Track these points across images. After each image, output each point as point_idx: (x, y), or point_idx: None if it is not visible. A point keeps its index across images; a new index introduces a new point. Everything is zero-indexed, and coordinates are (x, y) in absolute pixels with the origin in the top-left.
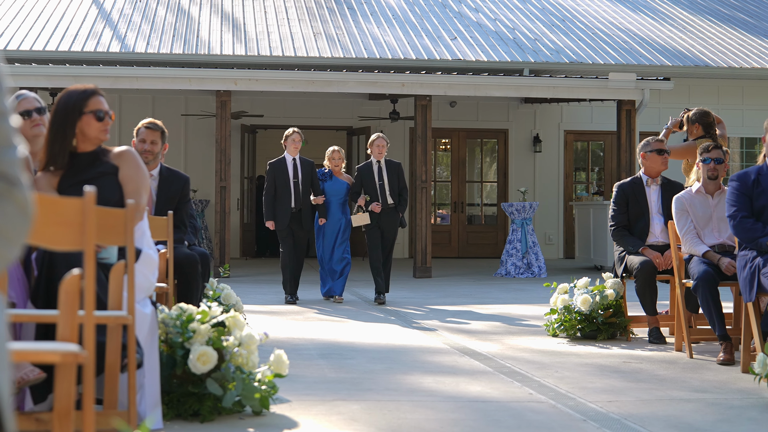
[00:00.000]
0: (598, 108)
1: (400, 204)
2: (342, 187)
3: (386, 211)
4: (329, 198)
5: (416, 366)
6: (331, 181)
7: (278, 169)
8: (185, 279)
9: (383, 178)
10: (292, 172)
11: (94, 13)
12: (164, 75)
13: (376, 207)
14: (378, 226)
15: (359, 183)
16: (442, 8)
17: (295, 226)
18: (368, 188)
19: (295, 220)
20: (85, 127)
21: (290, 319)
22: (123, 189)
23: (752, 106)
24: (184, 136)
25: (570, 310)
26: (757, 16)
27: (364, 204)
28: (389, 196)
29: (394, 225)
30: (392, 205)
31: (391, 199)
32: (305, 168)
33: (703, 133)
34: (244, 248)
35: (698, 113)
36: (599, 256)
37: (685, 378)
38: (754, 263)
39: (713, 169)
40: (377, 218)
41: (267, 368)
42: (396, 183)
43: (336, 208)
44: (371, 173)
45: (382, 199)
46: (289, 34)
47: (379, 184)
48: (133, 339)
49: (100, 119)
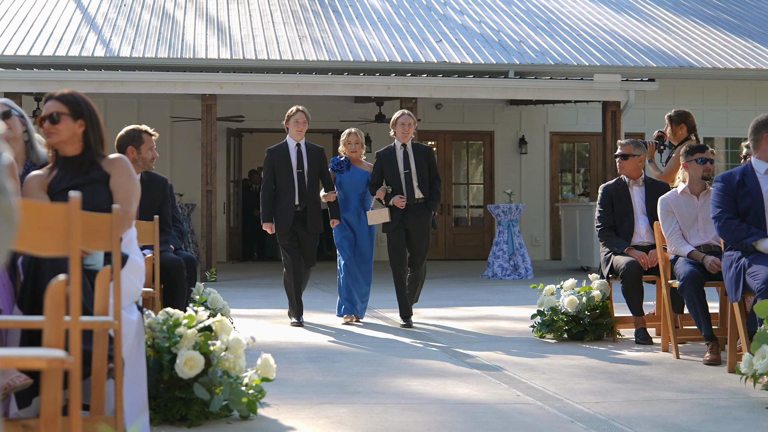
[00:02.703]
0: (584, 109)
1: (431, 198)
2: (363, 179)
3: (413, 207)
4: (348, 194)
5: (403, 369)
6: (349, 171)
7: (278, 157)
8: (171, 283)
9: (410, 166)
10: (296, 160)
11: (79, 17)
12: (149, 79)
13: (400, 201)
14: (403, 226)
15: (379, 172)
16: (427, 11)
17: (300, 230)
18: (391, 178)
19: (299, 221)
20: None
21: (277, 323)
22: (113, 196)
23: (736, 106)
24: (170, 141)
25: (557, 311)
26: (740, 17)
27: (383, 197)
28: (417, 188)
29: (424, 226)
30: (421, 200)
31: (420, 192)
32: (313, 155)
33: (687, 134)
34: (230, 252)
35: (682, 114)
36: (586, 257)
37: (671, 378)
38: (740, 263)
39: (708, 169)
40: (401, 216)
41: (254, 372)
42: (426, 172)
43: (356, 205)
44: (394, 160)
45: (407, 191)
46: (274, 37)
47: (405, 174)
48: (119, 345)
49: (41, 125)
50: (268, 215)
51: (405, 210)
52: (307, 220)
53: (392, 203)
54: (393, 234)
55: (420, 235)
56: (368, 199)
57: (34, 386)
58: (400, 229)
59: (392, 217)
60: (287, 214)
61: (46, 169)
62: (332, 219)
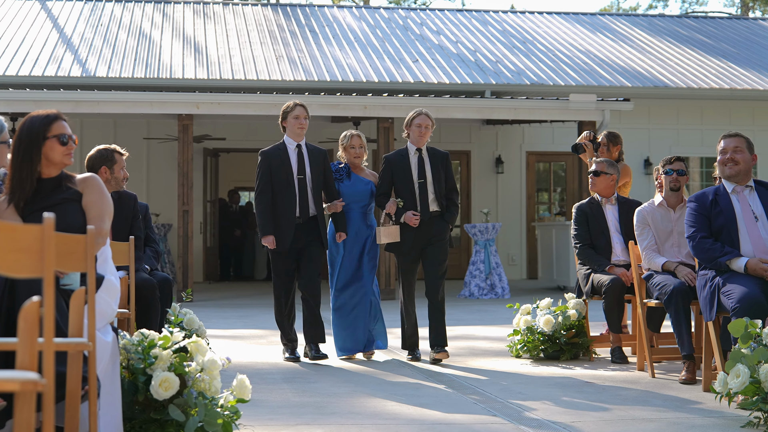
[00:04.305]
0: (560, 129)
1: (448, 211)
2: (365, 189)
3: (427, 222)
4: (348, 205)
5: (380, 389)
6: (349, 180)
7: (275, 161)
8: (144, 304)
9: (425, 174)
10: (296, 164)
11: (55, 37)
12: (126, 99)
13: (413, 219)
14: (416, 244)
15: (388, 180)
16: (404, 31)
17: (301, 245)
18: (402, 188)
19: (302, 235)
20: (49, 152)
21: (253, 344)
22: (86, 215)
23: (711, 125)
24: (146, 160)
25: (533, 330)
26: (714, 37)
27: (394, 212)
28: (432, 201)
29: (441, 243)
30: (436, 214)
31: (436, 205)
32: (315, 159)
33: (618, 157)
34: (207, 272)
35: (617, 134)
36: (562, 276)
37: (647, 397)
38: (714, 282)
39: (675, 180)
40: (414, 234)
41: (230, 393)
42: (443, 182)
43: (357, 219)
44: (407, 166)
45: (422, 205)
46: (251, 57)
47: (419, 183)
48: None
49: (64, 143)
50: (268, 227)
51: (419, 225)
52: (309, 234)
53: (403, 220)
54: (405, 258)
55: (436, 255)
56: (371, 214)
57: (7, 408)
58: (413, 249)
59: (403, 236)
60: (287, 229)
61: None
62: (338, 232)
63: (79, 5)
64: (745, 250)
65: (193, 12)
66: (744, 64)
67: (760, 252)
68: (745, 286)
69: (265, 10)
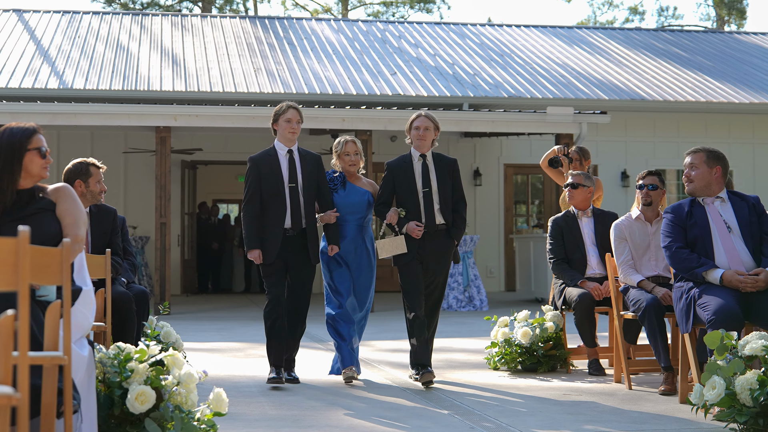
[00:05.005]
0: (537, 141)
1: (454, 225)
2: (362, 200)
3: (432, 235)
4: (343, 216)
5: (357, 402)
6: (344, 190)
7: (264, 167)
8: (119, 317)
9: (430, 183)
10: (287, 171)
11: (32, 49)
12: (103, 111)
13: (416, 231)
14: (419, 259)
15: (389, 188)
16: (382, 44)
17: (291, 260)
18: (405, 198)
19: (291, 249)
20: (29, 164)
21: (231, 356)
22: (61, 223)
23: (687, 138)
24: (124, 173)
25: (511, 343)
26: (690, 51)
27: (396, 222)
28: (438, 212)
29: (444, 259)
30: (442, 227)
31: (442, 217)
32: (308, 165)
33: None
34: (185, 285)
35: (587, 149)
36: (540, 288)
37: (624, 409)
38: (690, 294)
39: (647, 195)
40: (418, 247)
41: (206, 407)
42: (449, 191)
43: (354, 232)
44: (410, 174)
45: (426, 216)
46: (229, 69)
47: (424, 192)
48: (69, 381)
49: (43, 156)
50: (254, 241)
51: (423, 239)
52: (301, 248)
53: (406, 231)
54: (407, 268)
55: (437, 272)
56: (368, 226)
57: None
58: (416, 263)
59: (407, 247)
60: (274, 240)
61: None
62: (330, 245)
63: (56, 17)
64: (720, 261)
65: (171, 24)
66: (719, 77)
67: (734, 263)
68: (721, 298)
69: (244, 23)
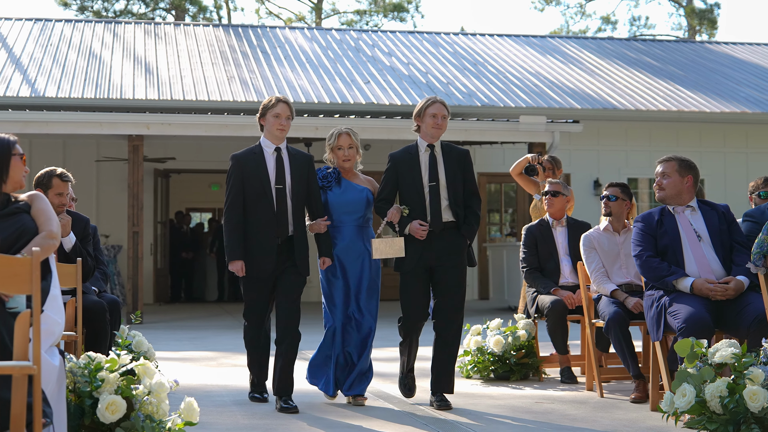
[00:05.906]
0: (510, 150)
1: (465, 222)
2: (359, 197)
3: (440, 235)
4: (339, 217)
5: (329, 411)
6: (339, 188)
7: (250, 167)
8: (92, 327)
9: (438, 176)
10: (274, 171)
11: (4, 56)
12: (75, 119)
13: (419, 231)
14: (423, 262)
15: (392, 182)
16: (355, 52)
17: (279, 272)
18: (409, 193)
19: (281, 257)
20: (12, 170)
21: (203, 365)
22: (36, 221)
23: (659, 147)
24: (96, 181)
25: (483, 351)
26: (662, 60)
27: (397, 221)
28: (446, 209)
29: (456, 260)
30: (450, 225)
31: (450, 215)
32: (298, 165)
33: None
34: (157, 294)
35: (558, 159)
36: (513, 296)
37: (595, 417)
38: (661, 303)
39: (606, 205)
40: (422, 250)
41: (177, 416)
42: (461, 185)
43: (352, 234)
44: (416, 166)
45: (433, 213)
46: (202, 77)
47: (430, 187)
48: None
49: (24, 163)
50: (237, 250)
51: (428, 238)
52: (287, 257)
53: (408, 231)
54: (409, 274)
55: (450, 275)
56: (369, 227)
57: None
58: (421, 269)
59: (408, 250)
60: (263, 251)
61: None
62: (321, 257)
63: (28, 24)
64: (690, 269)
65: (143, 32)
66: (691, 86)
67: (704, 272)
68: (691, 307)
69: (217, 31)
